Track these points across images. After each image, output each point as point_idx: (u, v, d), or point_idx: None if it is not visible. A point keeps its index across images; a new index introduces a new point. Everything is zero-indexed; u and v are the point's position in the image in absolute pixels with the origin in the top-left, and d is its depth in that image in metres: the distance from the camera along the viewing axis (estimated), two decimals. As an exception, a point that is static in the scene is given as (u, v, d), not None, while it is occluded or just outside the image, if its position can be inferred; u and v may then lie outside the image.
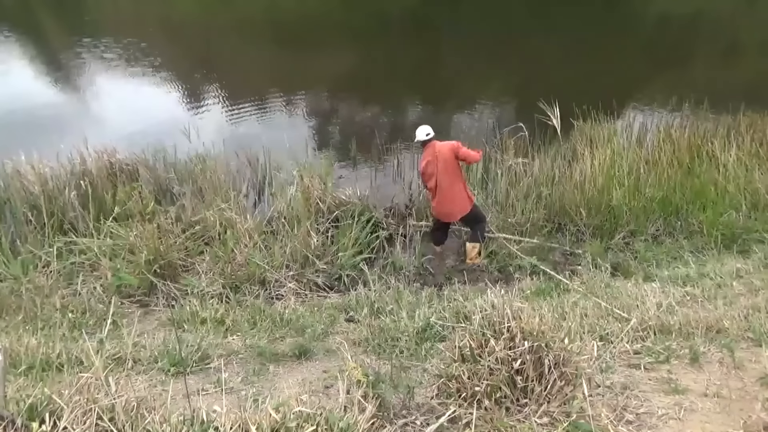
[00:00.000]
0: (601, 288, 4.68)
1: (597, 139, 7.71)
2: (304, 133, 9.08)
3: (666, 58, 13.28)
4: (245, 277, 5.15)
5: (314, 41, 14.00)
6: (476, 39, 14.72)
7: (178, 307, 4.65)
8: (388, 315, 4.20)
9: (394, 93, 11.30)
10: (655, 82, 11.81)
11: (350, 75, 12.12)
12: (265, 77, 12.01)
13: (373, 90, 11.30)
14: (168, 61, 12.76)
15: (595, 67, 12.33)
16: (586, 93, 9.74)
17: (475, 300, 4.02)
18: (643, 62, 12.92)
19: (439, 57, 14.03)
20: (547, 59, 12.92)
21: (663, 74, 12.36)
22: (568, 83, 10.71)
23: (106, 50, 12.93)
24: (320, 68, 12.38)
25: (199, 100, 10.41)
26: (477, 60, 13.31)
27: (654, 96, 10.36)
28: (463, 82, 12.03)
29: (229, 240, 5.47)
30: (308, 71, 12.22)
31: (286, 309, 4.58)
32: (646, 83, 11.67)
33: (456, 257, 6.15)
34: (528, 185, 6.74)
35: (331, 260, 5.59)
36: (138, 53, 12.90)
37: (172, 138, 7.44)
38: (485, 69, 12.87)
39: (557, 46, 13.89)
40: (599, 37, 14.89)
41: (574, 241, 6.20)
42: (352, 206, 6.24)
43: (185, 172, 6.93)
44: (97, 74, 11.47)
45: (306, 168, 6.73)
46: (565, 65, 12.39)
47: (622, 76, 11.78)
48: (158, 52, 13.14)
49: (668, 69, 12.63)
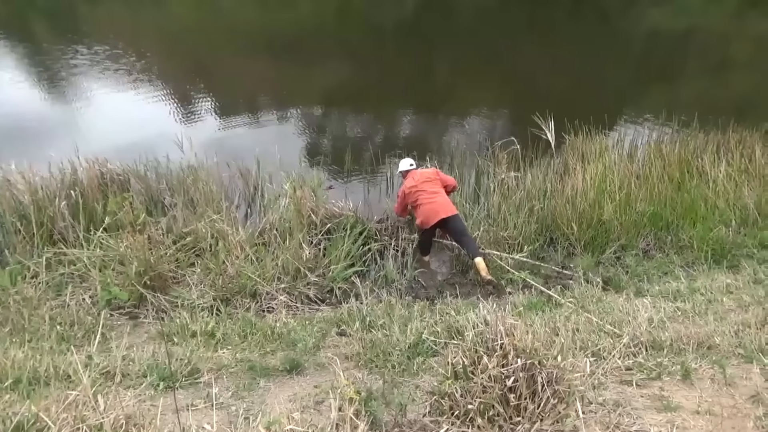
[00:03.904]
0: (593, 303, 4.69)
1: (588, 153, 7.77)
2: (296, 144, 9.07)
3: (657, 73, 13.46)
4: (236, 290, 5.10)
5: (308, 53, 14.06)
6: (469, 52, 14.86)
7: (167, 320, 4.60)
8: (380, 329, 4.18)
9: (387, 105, 11.34)
10: (646, 98, 11.95)
11: (343, 87, 12.16)
12: (258, 88, 12.01)
13: (366, 102, 11.33)
14: (162, 71, 12.74)
15: (586, 82, 12.47)
16: (577, 107, 9.85)
17: (468, 314, 4.04)
18: (635, 77, 13.09)
19: (433, 69, 14.13)
20: (540, 73, 13.04)
21: (654, 89, 12.52)
22: (559, 97, 10.81)
23: (99, 60, 12.89)
24: (313, 80, 12.41)
25: (192, 111, 10.38)
26: (470, 73, 13.41)
27: (645, 111, 10.47)
28: (456, 95, 12.11)
29: (221, 252, 5.44)
30: (301, 83, 12.24)
31: (277, 322, 4.54)
32: (637, 98, 11.80)
33: (448, 270, 6.15)
34: (520, 199, 6.76)
35: (323, 273, 5.56)
36: (132, 63, 12.87)
37: (164, 148, 7.40)
38: (478, 82, 12.97)
39: (550, 59, 14.04)
40: (592, 52, 15.08)
41: (565, 255, 6.22)
42: (345, 218, 6.23)
43: (177, 182, 6.88)
44: (89, 83, 11.42)
45: (298, 180, 6.71)
46: (556, 79, 12.51)
47: (614, 91, 11.93)
48: (152, 63, 13.12)
49: (659, 84, 12.80)
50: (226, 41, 15.44)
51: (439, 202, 5.97)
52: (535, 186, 7.08)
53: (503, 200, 6.75)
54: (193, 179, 6.83)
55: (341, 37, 16.35)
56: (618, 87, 12.25)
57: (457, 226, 5.95)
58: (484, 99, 11.92)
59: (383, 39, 16.61)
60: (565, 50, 14.85)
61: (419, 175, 6.23)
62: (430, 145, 9.16)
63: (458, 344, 2.94)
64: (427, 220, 5.93)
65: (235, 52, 14.48)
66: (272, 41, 15.43)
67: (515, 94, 11.95)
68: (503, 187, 7.04)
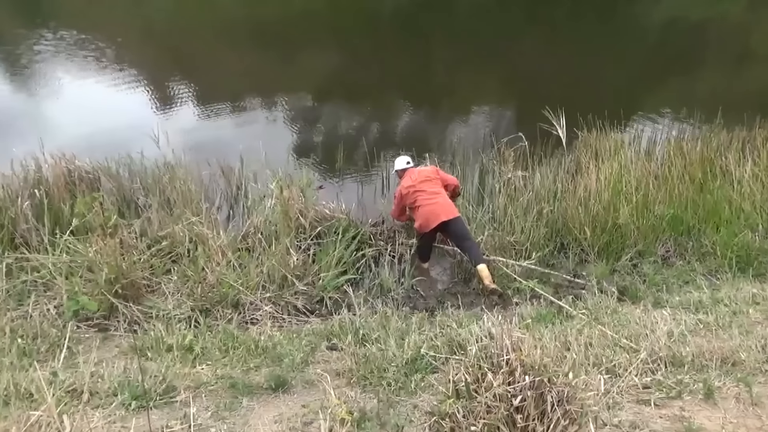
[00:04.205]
0: (608, 315, 4.70)
1: (603, 151, 7.79)
2: (284, 140, 9.07)
3: (676, 65, 13.52)
4: (217, 299, 5.08)
5: (298, 42, 14.05)
6: (473, 42, 14.89)
7: (141, 332, 4.57)
8: (375, 343, 4.18)
9: (383, 98, 11.34)
10: (664, 91, 12.01)
11: (336, 79, 12.17)
12: (243, 80, 11.99)
13: (360, 95, 11.34)
14: (136, 59, 12.72)
15: (600, 75, 12.52)
16: (591, 101, 9.88)
17: (471, 327, 4.04)
18: (652, 70, 13.14)
19: (433, 60, 14.15)
20: (550, 65, 13.08)
21: (673, 82, 12.58)
22: (571, 91, 10.83)
23: (69, 48, 12.86)
24: (304, 71, 12.40)
25: (171, 104, 10.36)
26: (474, 64, 13.44)
27: (664, 106, 10.51)
28: (458, 88, 12.13)
29: (200, 258, 5.42)
30: (291, 74, 12.24)
31: (262, 335, 4.53)
32: (655, 92, 11.87)
33: (449, 279, 6.15)
34: (528, 201, 6.77)
35: (312, 281, 5.55)
36: (102, 50, 12.85)
37: (138, 144, 7.38)
38: (483, 74, 13.00)
39: (561, 51, 14.09)
40: (605, 44, 15.13)
41: (577, 262, 6.23)
42: (336, 221, 6.22)
43: (152, 181, 6.86)
44: (55, 71, 11.39)
45: (285, 179, 6.70)
46: (568, 72, 12.54)
47: (630, 85, 11.96)
48: (125, 50, 13.10)
49: (679, 77, 12.86)
50: (208, 27, 15.43)
51: (440, 203, 5.97)
52: (544, 186, 7.09)
53: (509, 202, 6.76)
54: (170, 178, 6.81)
55: (334, 24, 16.36)
56: (634, 80, 12.29)
57: (458, 229, 5.94)
58: (489, 91, 11.95)
59: (380, 27, 16.63)
60: (576, 42, 14.92)
61: (417, 173, 6.23)
62: (429, 141, 9.17)
63: (460, 360, 2.94)
64: (426, 223, 5.92)
65: (218, 39, 14.47)
66: (259, 28, 15.43)
67: (523, 86, 11.99)
68: (509, 188, 7.04)
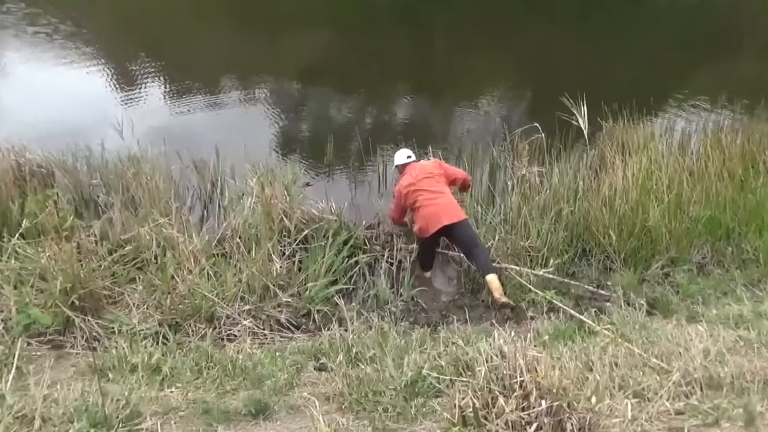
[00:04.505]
0: (635, 330, 4.72)
1: (630, 144, 7.83)
2: (266, 131, 9.08)
3: (713, 48, 13.60)
4: (188, 313, 5.08)
5: (284, 20, 14.08)
6: (483, 20, 14.92)
7: (101, 350, 4.57)
8: (370, 363, 4.18)
9: (380, 83, 11.37)
10: (701, 77, 12.08)
11: (327, 61, 12.17)
12: (221, 61, 11.99)
13: (354, 80, 11.35)
14: (98, 37, 12.72)
15: (627, 59, 12.56)
16: (616, 88, 9.95)
17: (480, 345, 4.04)
18: (687, 52, 13.21)
19: (437, 40, 14.18)
20: (570, 48, 13.13)
21: (710, 67, 12.65)
22: (594, 77, 10.89)
23: (17, 23, 12.83)
24: (290, 53, 12.42)
25: (136, 88, 10.36)
26: (484, 46, 13.47)
27: (700, 93, 10.57)
28: (465, 72, 12.16)
29: (169, 264, 5.41)
30: (275, 56, 12.25)
31: (240, 353, 4.53)
32: (690, 78, 11.93)
33: (455, 289, 6.16)
34: (545, 200, 6.79)
35: (298, 292, 5.55)
36: (58, 28, 12.82)
37: (99, 134, 7.40)
38: (494, 57, 13.04)
39: (583, 33, 14.14)
40: (634, 23, 15.21)
41: (601, 270, 6.25)
42: (326, 223, 6.23)
43: (115, 177, 6.86)
44: (3, 52, 11.37)
45: (267, 175, 6.70)
46: (591, 56, 12.61)
47: (661, 70, 12.01)
48: (85, 27, 13.10)
49: (717, 61, 12.93)
50: (184, 5, 15.42)
51: (442, 204, 5.96)
52: (563, 184, 7.11)
53: (524, 202, 6.77)
54: (135, 173, 6.81)
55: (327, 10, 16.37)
56: (666, 64, 12.34)
57: (465, 234, 5.95)
58: (501, 76, 11.98)
59: (377, 13, 16.62)
60: (600, 23, 14.97)
61: (418, 169, 6.24)
62: (432, 133, 9.19)
63: (467, 382, 2.94)
64: (427, 227, 5.92)
65: (193, 15, 14.49)
66: (241, 6, 15.42)
67: (539, 70, 12.02)
68: (524, 186, 7.07)
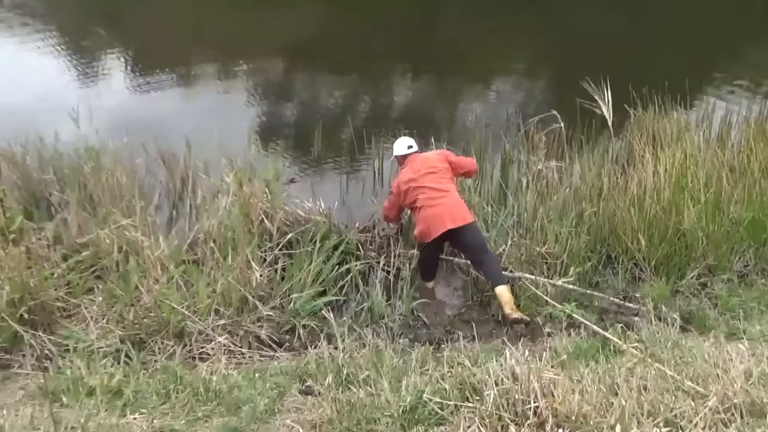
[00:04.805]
0: (667, 349, 4.72)
1: (662, 135, 7.84)
2: (245, 119, 9.09)
3: (757, 25, 13.58)
4: (154, 328, 5.08)
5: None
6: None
7: (54, 370, 4.56)
8: (363, 386, 4.18)
9: (375, 64, 11.38)
10: (743, 58, 12.07)
11: (316, 38, 12.16)
12: (193, 39, 12.02)
13: (346, 58, 11.37)
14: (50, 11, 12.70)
15: (658, 35, 12.57)
16: (646, 70, 9.93)
17: (489, 366, 4.04)
18: (727, 31, 13.20)
19: (442, 13, 14.18)
20: (594, 23, 13.14)
21: (754, 47, 12.64)
22: (620, 58, 10.91)
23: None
24: (273, 28, 12.43)
25: (96, 69, 10.37)
26: (495, 21, 13.48)
27: (741, 77, 10.59)
28: (474, 51, 12.15)
29: (132, 273, 5.42)
30: (256, 32, 12.26)
31: (214, 374, 4.53)
32: (730, 59, 11.92)
33: (461, 302, 6.16)
34: (565, 200, 6.80)
35: (281, 304, 5.55)
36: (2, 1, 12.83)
37: (52, 122, 7.40)
38: (507, 34, 13.04)
39: (607, 7, 14.14)
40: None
41: (629, 280, 6.26)
42: (313, 226, 6.23)
43: (70, 172, 6.86)
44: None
45: (246, 170, 6.72)
46: (617, 31, 12.61)
47: (698, 49, 12.02)
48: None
49: (761, 39, 12.91)
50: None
51: (448, 204, 5.93)
52: (585, 181, 7.12)
53: (540, 201, 6.78)
54: (94, 167, 6.81)
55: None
56: (704, 44, 12.37)
57: (472, 240, 5.93)
58: (515, 57, 11.99)
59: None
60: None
61: (421, 162, 6.19)
62: (436, 121, 9.21)
63: (474, 408, 2.93)
64: (428, 231, 5.89)
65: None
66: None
67: (559, 50, 12.05)
68: (540, 183, 7.08)
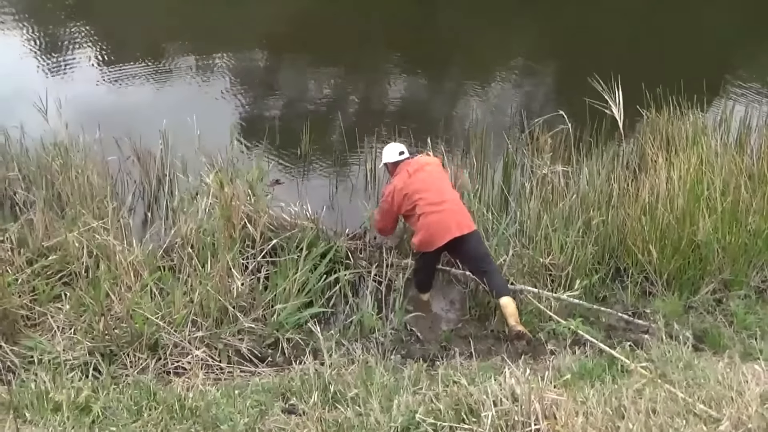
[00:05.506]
0: (679, 370, 4.75)
1: (677, 138, 7.84)
2: (227, 115, 9.10)
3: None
4: (126, 339, 5.09)
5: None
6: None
7: (17, 384, 4.55)
8: (351, 405, 4.20)
9: (369, 57, 11.37)
10: (765, 58, 12.10)
11: (303, 27, 12.14)
12: (171, 26, 11.97)
13: (337, 51, 11.34)
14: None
15: (675, 34, 12.57)
16: (660, 68, 9.98)
17: (487, 385, 4.08)
18: (749, 29, 13.23)
19: (441, 4, 14.20)
20: (605, 18, 13.18)
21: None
22: (632, 54, 10.94)
23: None
24: (257, 15, 12.41)
25: (65, 57, 10.33)
26: (499, 12, 13.49)
27: (763, 77, 10.62)
28: (475, 45, 12.16)
29: (103, 279, 5.43)
30: (239, 19, 12.22)
31: (191, 390, 4.54)
32: (751, 59, 11.95)
33: (457, 316, 6.19)
34: (571, 207, 6.82)
35: (264, 316, 5.58)
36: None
37: (17, 114, 7.39)
38: (510, 27, 13.07)
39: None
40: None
41: (639, 294, 6.29)
42: (300, 232, 6.25)
43: (36, 169, 6.88)
44: None
45: (227, 169, 6.74)
46: (628, 25, 12.64)
47: (717, 48, 12.05)
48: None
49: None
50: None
51: (451, 210, 5.93)
52: (593, 188, 7.14)
53: (545, 209, 6.80)
54: (62, 164, 6.82)
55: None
56: (724, 41, 12.39)
57: (475, 249, 5.95)
58: (519, 52, 11.99)
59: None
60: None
61: (416, 166, 6.18)
62: (433, 120, 9.21)
63: (471, 430, 2.96)
64: (431, 240, 5.88)
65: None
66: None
67: (566, 46, 12.06)
68: (545, 189, 7.09)
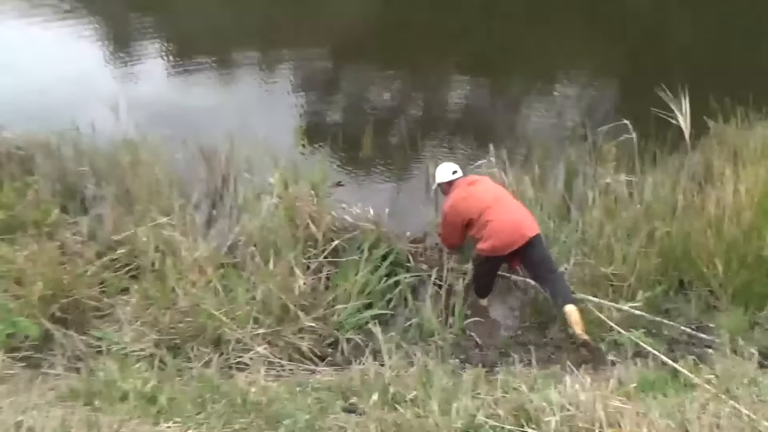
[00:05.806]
0: (744, 386, 4.66)
1: (745, 151, 7.70)
2: (291, 117, 9.19)
3: None
4: (191, 333, 5.18)
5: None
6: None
7: (86, 372, 4.63)
8: (410, 406, 4.20)
9: (432, 62, 11.35)
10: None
11: (367, 32, 12.22)
12: (238, 29, 12.12)
13: (400, 57, 11.35)
14: None
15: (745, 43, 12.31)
16: (729, 80, 9.77)
17: (547, 392, 4.05)
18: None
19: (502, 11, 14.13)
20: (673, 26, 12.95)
21: None
22: (702, 63, 10.73)
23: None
24: (322, 20, 12.49)
25: (135, 59, 10.55)
26: (562, 19, 13.38)
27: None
28: (539, 51, 12.07)
29: (169, 274, 5.51)
30: (304, 24, 12.31)
31: (253, 386, 4.56)
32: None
33: (517, 322, 6.17)
34: (634, 217, 6.73)
35: (324, 315, 5.60)
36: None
37: (89, 112, 7.56)
38: (573, 34, 12.93)
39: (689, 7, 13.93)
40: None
41: (703, 308, 6.17)
42: (361, 233, 6.29)
43: (107, 165, 7.01)
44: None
45: (291, 171, 6.79)
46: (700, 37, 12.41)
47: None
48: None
49: None
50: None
51: (520, 212, 5.93)
52: (658, 198, 7.04)
53: (607, 218, 6.73)
54: (132, 161, 6.93)
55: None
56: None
57: (541, 253, 5.90)
58: (583, 60, 11.88)
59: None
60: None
61: (470, 179, 6.25)
62: (494, 126, 9.18)
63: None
64: (502, 244, 5.79)
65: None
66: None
67: (632, 55, 11.90)
68: (608, 198, 7.03)
